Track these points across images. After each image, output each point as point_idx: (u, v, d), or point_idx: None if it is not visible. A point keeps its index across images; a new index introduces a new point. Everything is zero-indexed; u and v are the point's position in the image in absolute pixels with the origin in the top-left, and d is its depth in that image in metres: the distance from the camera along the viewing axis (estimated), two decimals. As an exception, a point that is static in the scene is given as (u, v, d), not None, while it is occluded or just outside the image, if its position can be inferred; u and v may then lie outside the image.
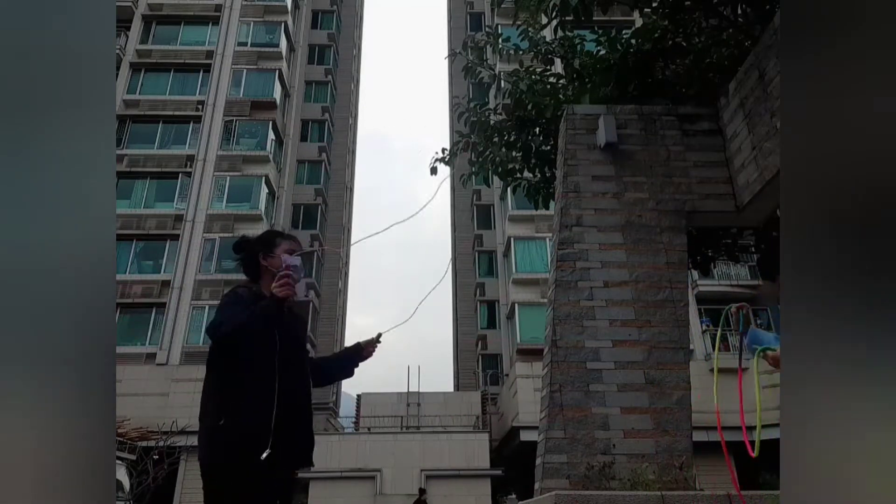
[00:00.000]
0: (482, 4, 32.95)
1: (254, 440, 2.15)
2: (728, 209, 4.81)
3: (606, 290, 4.44)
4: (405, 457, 19.82)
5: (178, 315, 21.34)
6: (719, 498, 3.13)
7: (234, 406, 2.18)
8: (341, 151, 34.84)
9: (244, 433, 2.15)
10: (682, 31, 5.38)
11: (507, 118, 6.48)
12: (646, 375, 4.17)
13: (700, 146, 5.01)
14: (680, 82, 5.53)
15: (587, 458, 3.89)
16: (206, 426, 2.24)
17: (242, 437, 2.15)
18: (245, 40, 27.07)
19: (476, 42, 7.11)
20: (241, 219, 23.01)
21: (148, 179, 23.89)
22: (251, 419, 2.17)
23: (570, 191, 4.80)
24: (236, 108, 25.22)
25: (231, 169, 24.06)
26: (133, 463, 14.51)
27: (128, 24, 26.47)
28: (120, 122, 23.82)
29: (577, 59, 5.99)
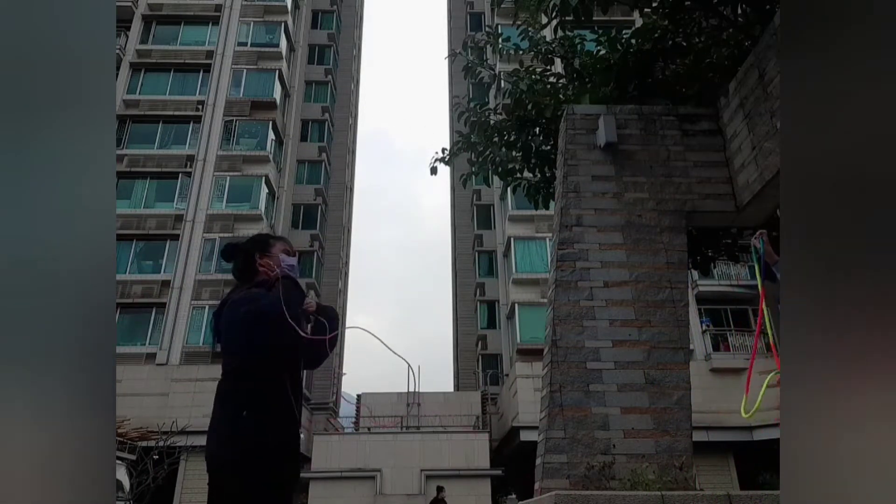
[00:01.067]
0: (482, 4, 32.96)
1: (277, 433, 2.20)
2: (728, 209, 4.81)
3: (606, 290, 4.44)
4: (405, 457, 19.83)
5: (178, 315, 21.34)
6: (719, 498, 3.13)
7: (256, 400, 2.20)
8: (341, 151, 34.85)
9: (266, 427, 2.18)
10: (682, 31, 5.38)
11: (507, 118, 6.48)
12: (646, 375, 4.17)
13: (700, 146, 5.01)
14: (680, 82, 5.53)
15: (587, 458, 3.89)
16: (225, 420, 2.23)
17: (265, 430, 2.17)
18: (245, 40, 27.07)
19: (476, 42, 7.11)
20: (241, 219, 23.01)
21: (148, 179, 23.89)
22: (272, 414, 2.21)
23: (570, 191, 4.80)
24: (236, 108, 25.22)
25: (231, 169, 24.06)
26: (133, 463, 14.50)
27: (128, 24, 26.47)
28: (120, 122, 23.82)
29: (577, 59, 5.99)
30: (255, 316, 2.27)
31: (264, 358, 2.28)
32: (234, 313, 2.33)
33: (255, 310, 2.29)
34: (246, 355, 2.28)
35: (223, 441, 2.19)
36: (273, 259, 2.48)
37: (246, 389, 2.23)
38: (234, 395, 2.24)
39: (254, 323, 2.27)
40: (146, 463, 14.92)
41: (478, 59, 6.83)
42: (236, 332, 2.31)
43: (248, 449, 2.15)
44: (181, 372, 19.94)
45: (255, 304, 2.30)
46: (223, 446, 2.19)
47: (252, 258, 2.51)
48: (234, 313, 2.33)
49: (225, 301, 2.43)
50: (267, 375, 2.27)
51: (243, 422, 2.17)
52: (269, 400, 2.24)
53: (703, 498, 3.16)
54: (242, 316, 2.29)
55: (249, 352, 2.28)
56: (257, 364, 2.27)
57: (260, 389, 2.24)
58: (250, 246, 2.55)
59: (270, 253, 2.50)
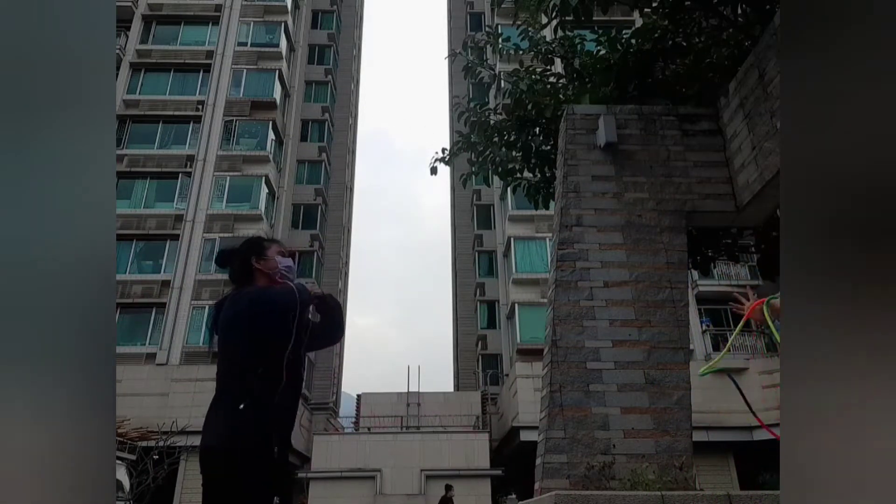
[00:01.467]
0: (482, 4, 32.96)
1: (274, 426, 2.22)
2: (728, 209, 4.81)
3: (606, 290, 4.44)
4: (405, 457, 19.83)
5: (178, 315, 21.34)
6: (719, 498, 3.13)
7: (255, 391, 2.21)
8: (341, 151, 34.85)
9: (265, 419, 2.19)
10: (682, 31, 5.38)
11: (507, 118, 6.48)
12: (646, 375, 4.17)
13: (700, 146, 5.01)
14: (680, 82, 5.52)
15: (587, 458, 3.89)
16: (224, 410, 2.23)
17: (264, 422, 2.19)
18: (245, 40, 27.07)
19: (476, 42, 7.11)
20: (241, 219, 23.02)
21: (148, 179, 23.89)
22: (270, 407, 2.22)
23: (570, 191, 4.80)
24: (236, 108, 25.22)
25: (231, 169, 24.06)
26: (133, 463, 14.50)
27: (128, 24, 26.46)
28: (120, 122, 23.81)
29: (577, 59, 5.99)
30: (264, 303, 2.32)
31: (264, 350, 2.29)
32: (237, 305, 2.36)
33: (265, 298, 2.34)
34: (246, 347, 2.29)
35: (219, 434, 2.20)
36: (269, 262, 2.50)
37: (244, 383, 2.24)
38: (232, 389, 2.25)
39: (259, 314, 2.31)
40: (146, 463, 14.92)
41: (478, 59, 6.83)
42: (239, 323, 2.33)
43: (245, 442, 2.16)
44: (181, 372, 19.93)
45: (264, 293, 2.36)
46: (220, 438, 2.20)
47: (248, 262, 2.52)
48: (237, 305, 2.36)
49: (225, 298, 2.45)
50: (267, 371, 2.27)
51: (240, 415, 2.17)
52: (267, 394, 2.24)
53: (703, 498, 3.16)
54: (247, 305, 2.33)
55: (250, 344, 2.29)
56: (256, 358, 2.27)
57: (259, 383, 2.24)
58: (246, 249, 2.56)
59: (266, 256, 2.52)
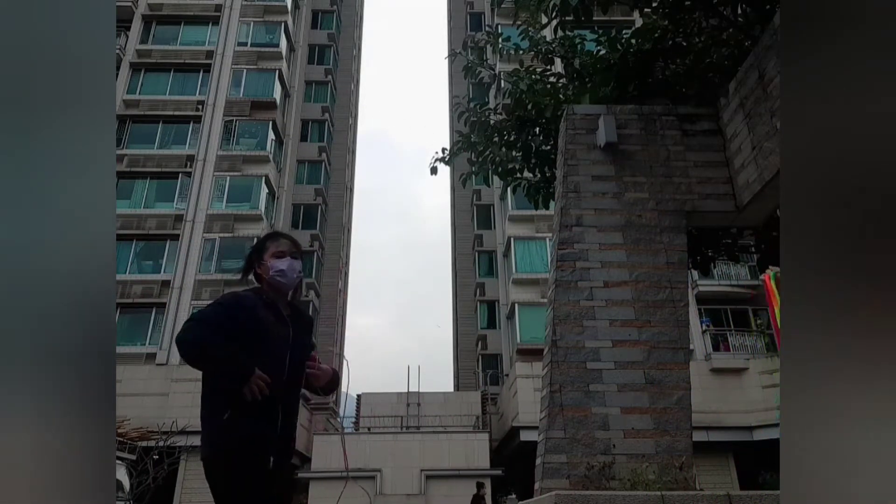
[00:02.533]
0: (482, 4, 32.95)
1: (260, 437, 2.18)
2: (728, 209, 4.81)
3: (606, 290, 4.44)
4: (405, 457, 19.83)
5: (178, 315, 21.30)
6: (719, 498, 3.13)
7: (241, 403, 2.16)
8: (341, 151, 34.84)
9: (251, 430, 2.16)
10: (682, 31, 5.37)
11: (507, 118, 6.48)
12: (646, 375, 4.17)
13: (700, 146, 5.01)
14: (680, 82, 5.52)
15: (587, 458, 3.89)
16: (210, 421, 2.23)
17: (249, 433, 2.16)
18: (245, 40, 27.06)
19: (476, 42, 7.11)
20: (241, 219, 23.01)
21: (148, 179, 23.88)
22: (258, 417, 2.19)
23: (570, 191, 4.80)
24: (236, 108, 25.21)
25: (231, 169, 24.05)
26: (133, 463, 14.50)
27: (128, 24, 26.45)
28: (120, 122, 23.80)
29: (577, 58, 5.99)
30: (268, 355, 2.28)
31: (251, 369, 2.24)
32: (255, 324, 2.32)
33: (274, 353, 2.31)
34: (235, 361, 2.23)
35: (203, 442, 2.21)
36: (263, 266, 2.48)
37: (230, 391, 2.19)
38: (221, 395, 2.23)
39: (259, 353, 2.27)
40: (146, 463, 14.92)
41: (478, 59, 6.83)
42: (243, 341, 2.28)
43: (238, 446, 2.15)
44: (181, 372, 19.89)
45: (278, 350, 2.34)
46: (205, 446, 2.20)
47: (253, 267, 2.53)
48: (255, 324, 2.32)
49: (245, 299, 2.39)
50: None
51: (227, 422, 2.16)
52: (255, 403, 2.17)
53: (703, 498, 3.16)
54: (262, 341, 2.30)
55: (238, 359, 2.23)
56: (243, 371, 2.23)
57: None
58: (251, 253, 2.57)
59: (263, 260, 2.49)
